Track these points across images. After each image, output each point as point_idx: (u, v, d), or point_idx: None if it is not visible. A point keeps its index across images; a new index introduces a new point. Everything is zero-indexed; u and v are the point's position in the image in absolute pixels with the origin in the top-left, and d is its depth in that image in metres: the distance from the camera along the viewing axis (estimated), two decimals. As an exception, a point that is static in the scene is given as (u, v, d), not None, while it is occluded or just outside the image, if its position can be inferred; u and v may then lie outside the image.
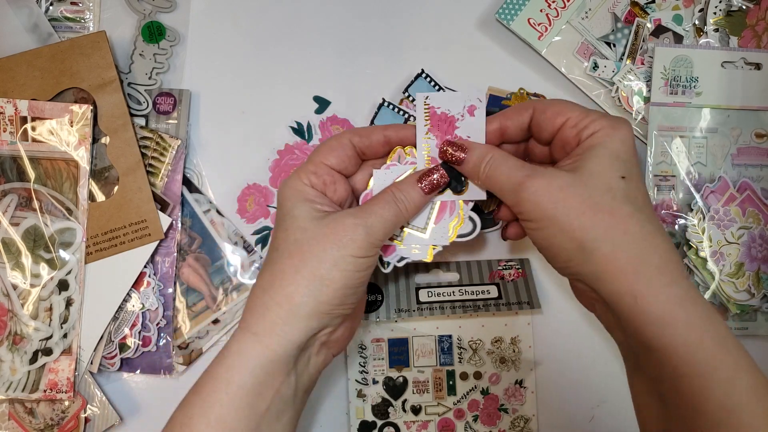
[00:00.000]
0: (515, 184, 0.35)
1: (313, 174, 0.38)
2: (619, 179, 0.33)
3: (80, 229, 0.45)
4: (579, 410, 0.49)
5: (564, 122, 0.36)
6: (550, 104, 0.37)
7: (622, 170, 0.34)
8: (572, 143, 0.36)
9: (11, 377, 0.44)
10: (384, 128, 0.41)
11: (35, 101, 0.44)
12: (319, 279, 0.34)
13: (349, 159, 0.39)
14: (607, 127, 0.35)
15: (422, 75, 0.48)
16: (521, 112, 0.38)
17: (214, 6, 0.50)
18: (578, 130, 0.36)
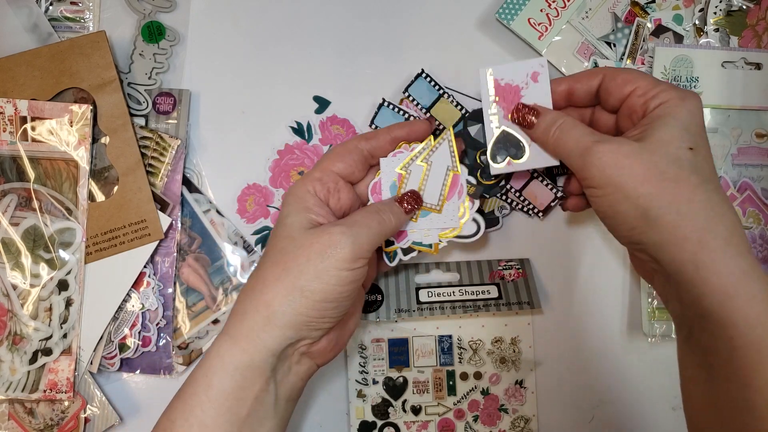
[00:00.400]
0: (583, 149, 0.35)
1: (319, 181, 0.38)
2: (687, 150, 0.33)
3: (80, 229, 0.45)
4: (579, 410, 0.49)
5: (632, 90, 0.36)
6: (621, 72, 0.38)
7: (690, 141, 0.34)
8: (639, 112, 0.36)
9: (11, 377, 0.44)
10: (389, 129, 0.41)
11: (35, 101, 0.44)
12: (299, 290, 0.34)
13: (356, 164, 0.39)
14: (676, 98, 0.35)
15: (422, 75, 0.48)
16: (591, 77, 0.39)
17: (214, 6, 0.50)
18: (646, 99, 0.36)
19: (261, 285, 0.35)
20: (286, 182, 0.49)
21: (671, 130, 0.34)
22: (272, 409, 0.36)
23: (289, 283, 0.34)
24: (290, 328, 0.35)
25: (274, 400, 0.36)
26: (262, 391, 0.35)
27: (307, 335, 0.36)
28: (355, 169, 0.40)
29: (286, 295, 0.34)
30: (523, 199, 0.48)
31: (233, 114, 0.49)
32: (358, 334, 0.47)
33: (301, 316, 0.35)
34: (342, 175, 0.39)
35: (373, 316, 0.46)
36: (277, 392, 0.36)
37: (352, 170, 0.39)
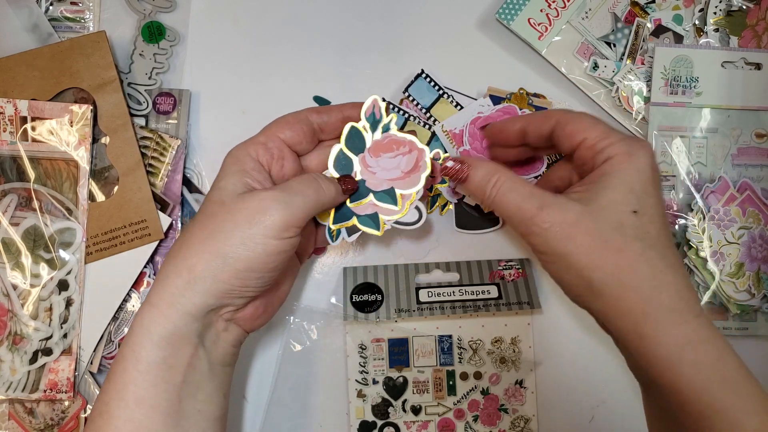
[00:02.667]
0: (527, 216, 0.34)
1: (262, 145, 0.37)
2: (631, 214, 0.33)
3: (80, 229, 0.45)
4: (579, 410, 0.49)
5: (582, 141, 0.35)
6: (572, 119, 0.36)
7: (635, 204, 0.33)
8: (588, 165, 0.35)
9: (11, 377, 0.44)
10: (342, 107, 0.40)
11: (35, 101, 0.44)
12: (222, 256, 0.33)
13: (304, 134, 0.38)
14: (623, 155, 0.33)
15: (422, 75, 0.48)
16: (544, 121, 0.38)
17: (214, 6, 0.50)
18: (594, 153, 0.35)
19: (185, 249, 0.34)
20: (286, 182, 0.49)
21: (614, 193, 0.33)
22: (207, 374, 0.35)
23: (213, 248, 0.33)
24: (211, 294, 0.33)
25: (207, 365, 0.35)
26: (193, 356, 0.34)
27: (229, 302, 0.35)
28: (303, 140, 0.38)
29: (208, 261, 0.33)
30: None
31: (233, 114, 0.49)
32: (358, 334, 0.47)
33: (223, 283, 0.33)
34: (289, 143, 0.38)
35: (373, 316, 0.46)
36: (209, 358, 0.35)
37: (299, 140, 0.38)
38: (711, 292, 0.47)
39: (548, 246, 0.33)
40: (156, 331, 0.33)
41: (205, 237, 0.33)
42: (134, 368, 0.32)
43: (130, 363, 0.33)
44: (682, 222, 0.48)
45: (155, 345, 0.33)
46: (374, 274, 0.48)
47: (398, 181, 0.39)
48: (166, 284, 0.33)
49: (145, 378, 0.32)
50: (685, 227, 0.47)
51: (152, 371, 0.33)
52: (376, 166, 0.39)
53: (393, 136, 0.39)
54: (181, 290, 0.33)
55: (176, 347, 0.33)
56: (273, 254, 0.33)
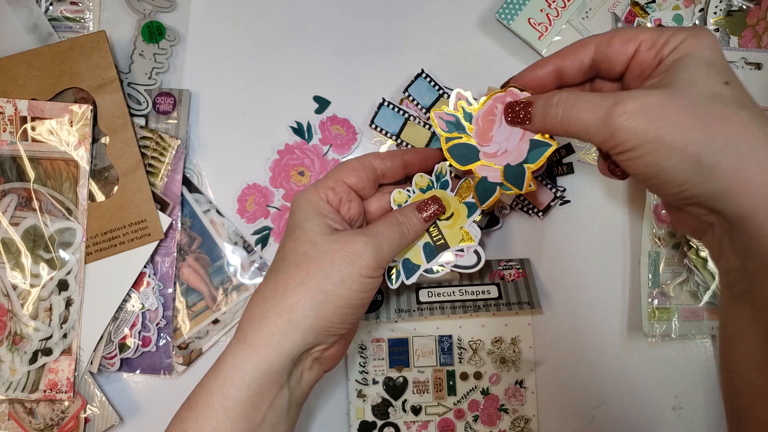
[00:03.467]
0: (603, 116, 0.30)
1: (331, 190, 0.38)
2: (723, 85, 0.29)
3: (80, 229, 0.45)
4: (579, 411, 0.49)
5: (637, 48, 0.32)
6: (616, 33, 0.33)
7: (723, 75, 0.30)
8: (652, 66, 0.32)
9: (11, 377, 0.44)
10: (403, 152, 0.41)
11: (35, 101, 0.44)
12: (324, 294, 0.34)
13: (368, 180, 0.39)
14: (690, 37, 0.31)
15: (422, 75, 0.48)
16: (579, 50, 0.35)
17: (214, 6, 0.50)
18: (657, 50, 0.32)
19: (283, 288, 0.35)
20: (286, 182, 0.49)
21: (698, 69, 0.30)
22: (285, 415, 0.36)
23: (314, 287, 0.34)
24: (311, 332, 0.34)
25: (287, 405, 0.36)
26: (277, 396, 0.35)
27: (324, 340, 0.36)
28: (367, 185, 0.39)
29: (310, 299, 0.34)
30: (523, 199, 0.48)
31: (233, 114, 0.49)
32: (358, 334, 0.47)
33: (324, 320, 0.34)
34: (354, 188, 0.39)
35: (373, 316, 0.46)
36: (290, 398, 0.36)
37: (363, 185, 0.39)
38: (711, 291, 0.47)
39: (638, 137, 0.29)
40: (250, 370, 0.34)
41: (303, 276, 0.35)
42: (220, 404, 0.33)
43: (216, 398, 0.33)
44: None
45: (246, 384, 0.34)
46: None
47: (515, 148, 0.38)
48: (264, 324, 0.34)
49: (229, 415, 0.33)
50: (686, 227, 0.47)
51: (237, 409, 0.33)
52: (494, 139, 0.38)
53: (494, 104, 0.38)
54: (282, 330, 0.34)
55: (265, 387, 0.34)
56: (366, 291, 0.35)
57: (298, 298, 0.34)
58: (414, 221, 0.39)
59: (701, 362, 0.49)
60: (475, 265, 0.40)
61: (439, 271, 0.40)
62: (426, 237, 0.41)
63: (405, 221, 0.38)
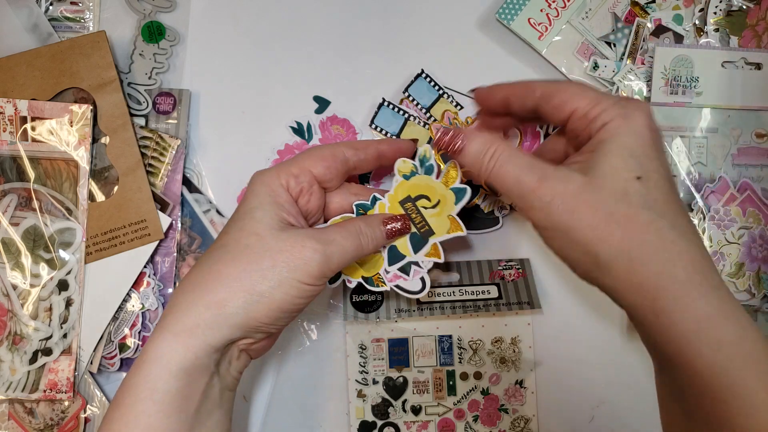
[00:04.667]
0: (525, 190, 0.32)
1: (294, 177, 0.36)
2: (634, 180, 0.30)
3: (80, 229, 0.45)
4: (579, 411, 0.49)
5: (572, 112, 0.33)
6: (558, 90, 0.34)
7: (637, 169, 0.30)
8: (583, 136, 0.33)
9: (11, 377, 0.44)
10: (378, 142, 0.40)
11: (35, 101, 0.44)
12: (258, 295, 0.32)
13: (336, 172, 0.37)
14: (619, 118, 0.31)
15: (422, 75, 0.48)
16: (527, 93, 0.35)
17: (214, 6, 0.50)
18: (588, 122, 0.32)
19: (214, 281, 0.33)
20: (286, 182, 0.49)
21: (615, 159, 0.30)
22: (218, 401, 0.35)
23: (249, 286, 0.32)
24: (239, 329, 0.33)
25: (219, 392, 0.35)
26: (208, 385, 0.33)
27: (251, 336, 0.35)
28: (334, 177, 0.37)
29: (242, 298, 0.32)
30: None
31: (233, 114, 0.49)
32: (358, 334, 0.47)
33: (254, 321, 0.33)
34: (319, 179, 0.37)
35: (373, 316, 0.46)
36: (221, 385, 0.35)
37: (330, 177, 0.37)
38: (711, 292, 0.47)
39: (550, 221, 0.31)
40: (175, 361, 0.32)
41: (239, 272, 0.33)
42: (148, 398, 0.31)
43: (144, 392, 0.32)
44: (682, 222, 0.48)
45: (173, 376, 0.32)
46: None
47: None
48: (189, 313, 0.33)
49: (160, 408, 0.31)
50: (685, 227, 0.47)
51: (167, 401, 0.32)
52: None
53: None
54: (208, 323, 0.32)
55: (194, 377, 0.33)
56: (305, 297, 0.34)
57: (230, 294, 0.32)
58: (377, 234, 0.36)
59: (701, 362, 0.49)
60: (419, 291, 0.39)
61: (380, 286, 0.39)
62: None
63: (367, 232, 0.36)
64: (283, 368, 0.48)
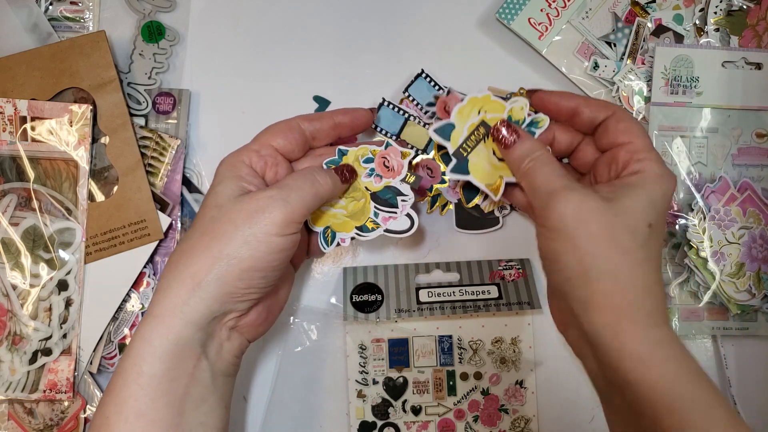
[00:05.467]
0: (551, 190, 0.35)
1: (255, 153, 0.37)
2: (645, 226, 0.34)
3: (80, 229, 0.45)
4: (579, 411, 0.49)
5: (627, 143, 0.37)
6: (627, 118, 0.38)
7: (653, 218, 0.34)
8: (619, 167, 0.37)
9: (11, 377, 0.44)
10: (333, 113, 0.41)
11: (35, 101, 0.44)
12: (226, 258, 0.33)
13: (296, 142, 0.39)
14: (656, 174, 0.35)
15: (422, 75, 0.48)
16: (602, 109, 0.39)
17: (214, 6, 0.50)
18: (632, 159, 0.36)
19: (186, 257, 0.33)
20: (286, 182, 0.49)
21: (639, 202, 0.34)
22: (210, 386, 0.34)
23: (217, 252, 0.33)
24: (215, 299, 0.33)
25: (210, 376, 0.34)
26: (196, 368, 0.33)
27: (233, 308, 0.35)
28: (295, 147, 0.39)
29: (212, 264, 0.33)
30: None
31: (233, 114, 0.49)
32: (358, 334, 0.47)
33: (227, 286, 0.33)
34: (281, 151, 0.38)
35: (373, 316, 0.46)
36: (212, 369, 0.35)
37: (291, 148, 0.38)
38: (711, 292, 0.47)
39: (561, 223, 0.34)
40: (158, 342, 0.32)
41: (207, 242, 0.33)
42: (135, 382, 0.32)
43: (131, 376, 0.32)
44: (683, 222, 0.48)
45: (157, 357, 0.32)
46: (374, 275, 0.48)
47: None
48: (168, 294, 0.33)
49: (146, 392, 0.32)
50: (686, 227, 0.47)
51: (153, 385, 0.32)
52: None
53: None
54: (184, 299, 0.33)
55: (179, 359, 0.33)
56: (276, 252, 0.34)
57: (200, 266, 0.33)
58: (329, 180, 0.37)
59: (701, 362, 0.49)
60: (408, 229, 0.40)
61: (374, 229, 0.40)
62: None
63: (320, 172, 0.37)
64: (283, 368, 0.48)
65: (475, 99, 0.40)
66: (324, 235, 0.41)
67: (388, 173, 0.41)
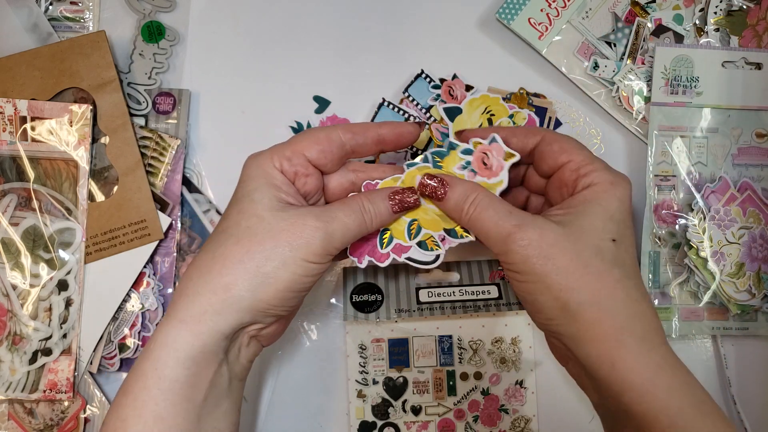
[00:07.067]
0: (504, 235, 0.33)
1: (288, 160, 0.35)
2: (610, 241, 0.33)
3: (80, 229, 0.45)
4: (579, 411, 0.49)
5: (567, 162, 0.36)
6: (559, 138, 0.36)
7: (614, 232, 0.33)
8: (569, 187, 0.36)
9: (11, 377, 0.44)
10: (379, 126, 0.38)
11: (35, 101, 0.44)
12: (263, 276, 0.32)
13: (332, 156, 0.37)
14: (606, 183, 0.34)
15: (422, 75, 0.48)
16: (529, 135, 0.37)
17: (214, 6, 0.50)
18: (578, 176, 0.35)
19: (221, 264, 0.33)
20: (286, 182, 0.49)
21: (596, 220, 0.33)
22: (227, 391, 0.34)
23: (253, 268, 0.32)
24: (248, 313, 0.33)
25: (227, 382, 0.34)
26: (216, 374, 0.33)
27: (261, 320, 0.34)
28: (330, 162, 0.37)
29: (248, 280, 0.32)
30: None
31: (233, 114, 0.49)
32: (358, 334, 0.47)
33: (261, 302, 0.33)
34: (315, 163, 0.36)
35: (373, 316, 0.46)
36: (230, 374, 0.34)
37: (326, 161, 0.36)
38: (711, 292, 0.47)
39: (526, 265, 0.32)
40: (183, 348, 0.32)
41: (243, 255, 0.33)
42: (155, 386, 0.31)
43: (151, 380, 0.31)
44: (683, 222, 0.48)
45: (181, 363, 0.31)
46: (374, 274, 0.48)
47: None
48: (196, 300, 0.32)
49: (167, 397, 0.31)
50: (686, 227, 0.47)
51: (175, 390, 0.31)
52: None
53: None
54: (215, 308, 0.32)
55: (202, 366, 0.32)
56: (310, 276, 0.34)
57: (235, 278, 0.32)
58: (381, 210, 0.36)
59: (701, 362, 0.49)
60: (433, 261, 0.38)
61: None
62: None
63: (370, 209, 0.36)
64: (283, 368, 0.48)
65: (487, 97, 0.40)
66: (409, 228, 0.38)
67: (484, 171, 0.38)
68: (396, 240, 0.38)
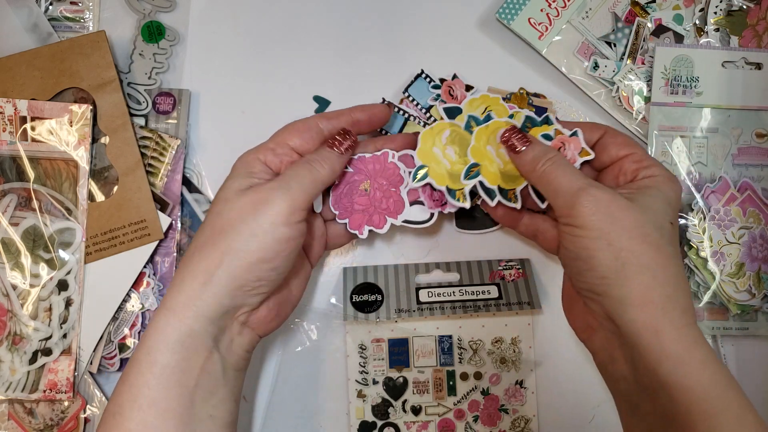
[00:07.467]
0: (577, 188, 0.35)
1: (271, 151, 0.38)
2: (668, 223, 0.35)
3: (80, 229, 0.45)
4: (579, 411, 0.49)
5: (628, 155, 0.39)
6: (622, 134, 0.40)
7: (672, 216, 0.36)
8: (628, 176, 0.38)
9: (11, 377, 0.44)
10: (351, 110, 0.41)
11: (35, 101, 0.44)
12: (235, 252, 0.34)
13: (313, 141, 0.39)
14: (665, 176, 0.37)
15: (422, 75, 0.48)
16: (594, 130, 0.40)
17: (214, 6, 0.50)
18: (639, 167, 0.38)
19: (199, 251, 0.35)
20: (286, 182, 0.49)
21: (659, 202, 0.36)
22: (221, 379, 0.35)
23: (226, 246, 0.34)
24: (226, 293, 0.34)
25: (221, 369, 0.35)
26: (207, 360, 0.34)
27: (243, 302, 0.35)
28: (312, 147, 0.39)
29: (221, 259, 0.34)
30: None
31: (233, 114, 0.49)
32: (358, 334, 0.47)
33: (238, 279, 0.34)
34: (298, 150, 0.39)
35: (373, 316, 0.46)
36: (223, 363, 0.35)
37: (308, 147, 0.39)
38: (711, 292, 0.47)
39: (592, 220, 0.34)
40: (171, 334, 0.33)
41: (215, 236, 0.34)
42: (148, 371, 0.33)
43: (145, 366, 0.33)
44: (683, 222, 0.48)
45: (170, 348, 0.33)
46: (374, 274, 0.48)
47: None
48: (182, 288, 0.34)
49: (159, 381, 0.33)
50: (686, 227, 0.47)
51: (166, 374, 0.33)
52: None
53: None
54: (197, 293, 0.34)
55: (191, 351, 0.34)
56: (283, 241, 0.35)
57: (212, 261, 0.34)
58: (325, 155, 0.38)
59: (701, 362, 0.49)
60: (427, 220, 0.42)
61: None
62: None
63: (315, 157, 0.37)
64: (283, 368, 0.48)
65: (487, 97, 0.41)
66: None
67: None
68: (429, 178, 0.41)
